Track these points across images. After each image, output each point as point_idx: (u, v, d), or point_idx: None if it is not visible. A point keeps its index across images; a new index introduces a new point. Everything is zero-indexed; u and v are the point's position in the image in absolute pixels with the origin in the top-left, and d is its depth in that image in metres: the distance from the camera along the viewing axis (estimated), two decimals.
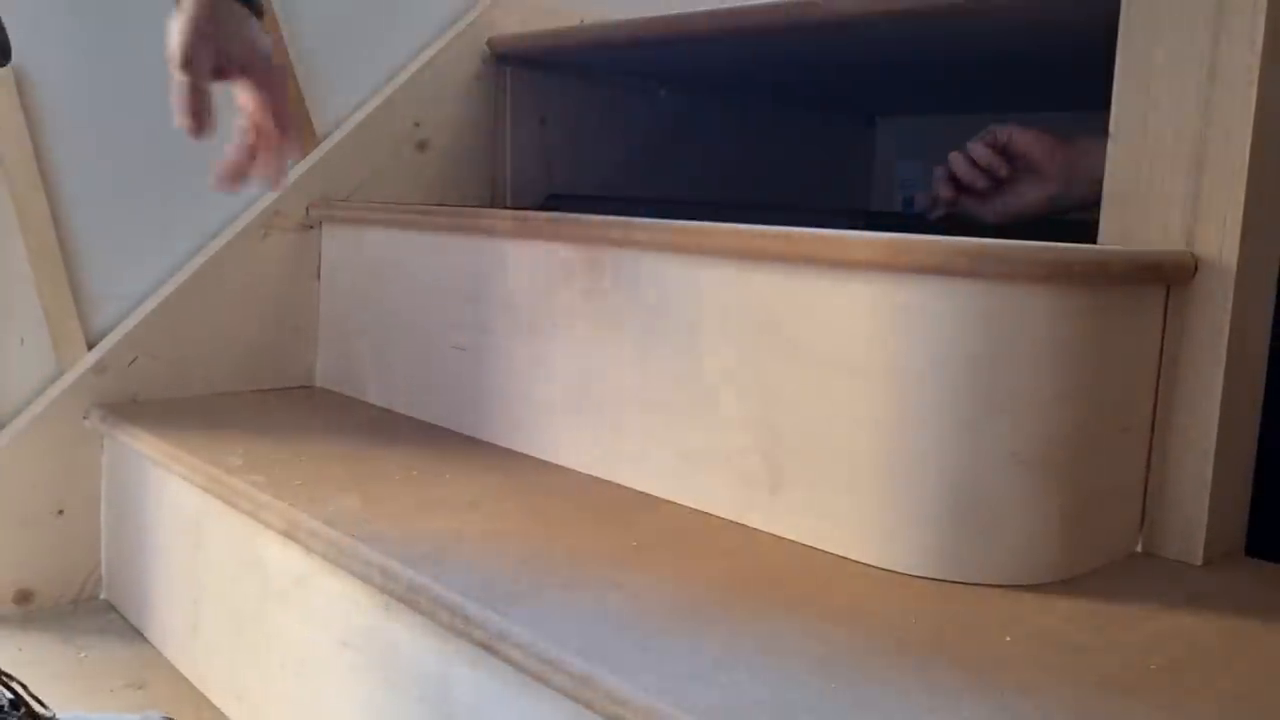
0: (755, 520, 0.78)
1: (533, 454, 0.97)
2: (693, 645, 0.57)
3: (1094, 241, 0.78)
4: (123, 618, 1.09)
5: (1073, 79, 1.07)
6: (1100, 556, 0.74)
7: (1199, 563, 0.74)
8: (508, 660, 0.60)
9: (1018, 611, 0.64)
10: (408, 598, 0.67)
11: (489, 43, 1.35)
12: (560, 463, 0.94)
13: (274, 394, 1.22)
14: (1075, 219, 1.20)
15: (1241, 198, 0.72)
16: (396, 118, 1.28)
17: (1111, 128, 0.78)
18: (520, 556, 0.70)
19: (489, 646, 0.61)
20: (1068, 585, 0.70)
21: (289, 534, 0.79)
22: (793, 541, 0.75)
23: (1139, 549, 0.77)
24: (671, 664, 0.55)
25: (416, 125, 1.29)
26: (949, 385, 0.68)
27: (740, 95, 1.62)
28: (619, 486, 0.88)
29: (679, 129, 1.56)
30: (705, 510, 0.82)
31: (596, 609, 0.62)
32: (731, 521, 0.80)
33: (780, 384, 0.76)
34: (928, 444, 0.69)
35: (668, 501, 0.84)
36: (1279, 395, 0.81)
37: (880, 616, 0.63)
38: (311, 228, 1.24)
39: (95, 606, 1.12)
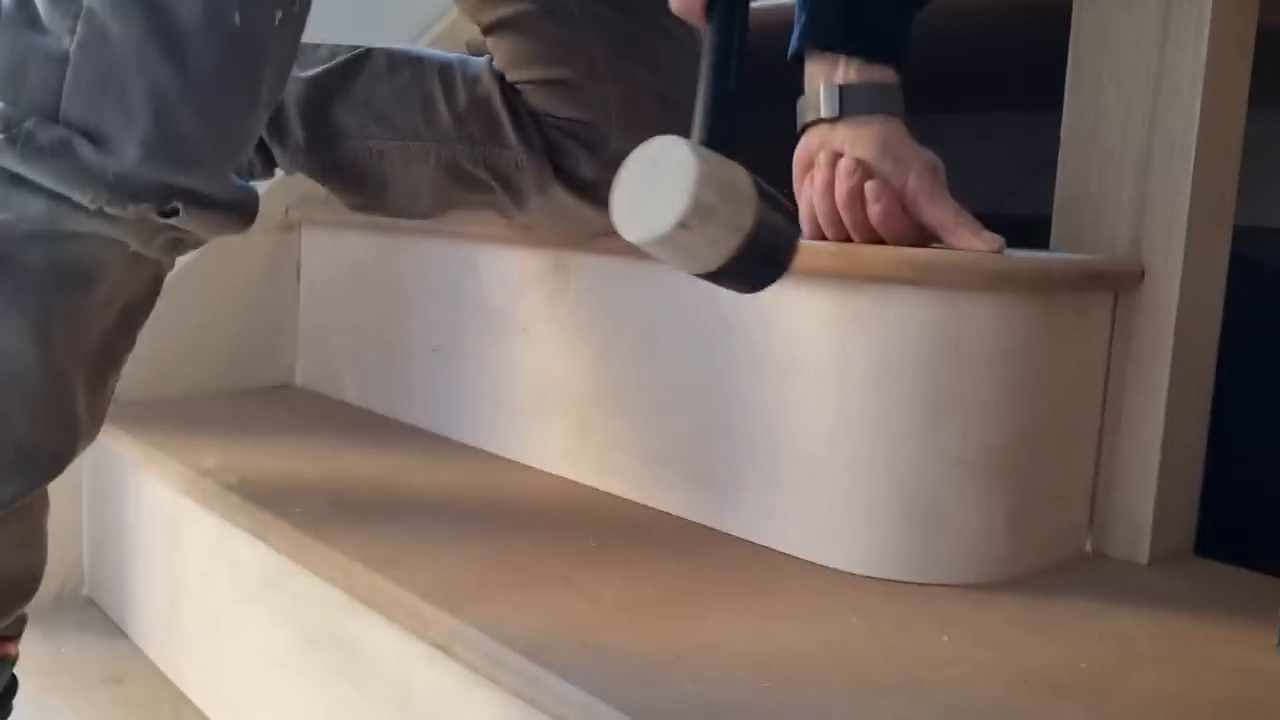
0: (714, 520, 0.80)
1: (503, 454, 0.99)
2: (637, 645, 0.59)
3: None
4: (103, 614, 1.11)
5: (1026, 81, 1.09)
6: (1048, 556, 0.76)
7: (1145, 562, 0.76)
8: (461, 660, 0.62)
9: (960, 611, 0.66)
10: (369, 598, 0.69)
11: (466, 45, 1.36)
12: (528, 463, 0.96)
13: (254, 393, 1.24)
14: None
15: (1186, 206, 0.73)
16: None
17: (1063, 137, 0.79)
18: (480, 557, 0.72)
19: (443, 647, 0.63)
20: (1013, 585, 0.71)
21: (258, 534, 0.81)
22: (747, 541, 0.77)
23: (1088, 549, 0.78)
24: (614, 664, 0.57)
25: None
26: (897, 390, 0.70)
27: None
28: (584, 486, 0.90)
29: None
30: (665, 510, 0.84)
31: (548, 609, 0.64)
32: (690, 521, 0.81)
33: (738, 387, 0.78)
34: (877, 447, 0.71)
35: (630, 501, 0.86)
36: (1232, 398, 0.82)
37: (825, 617, 0.64)
38: (291, 229, 1.26)
39: (77, 603, 1.14)
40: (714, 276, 0.56)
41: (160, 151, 0.60)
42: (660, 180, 0.54)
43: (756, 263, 0.56)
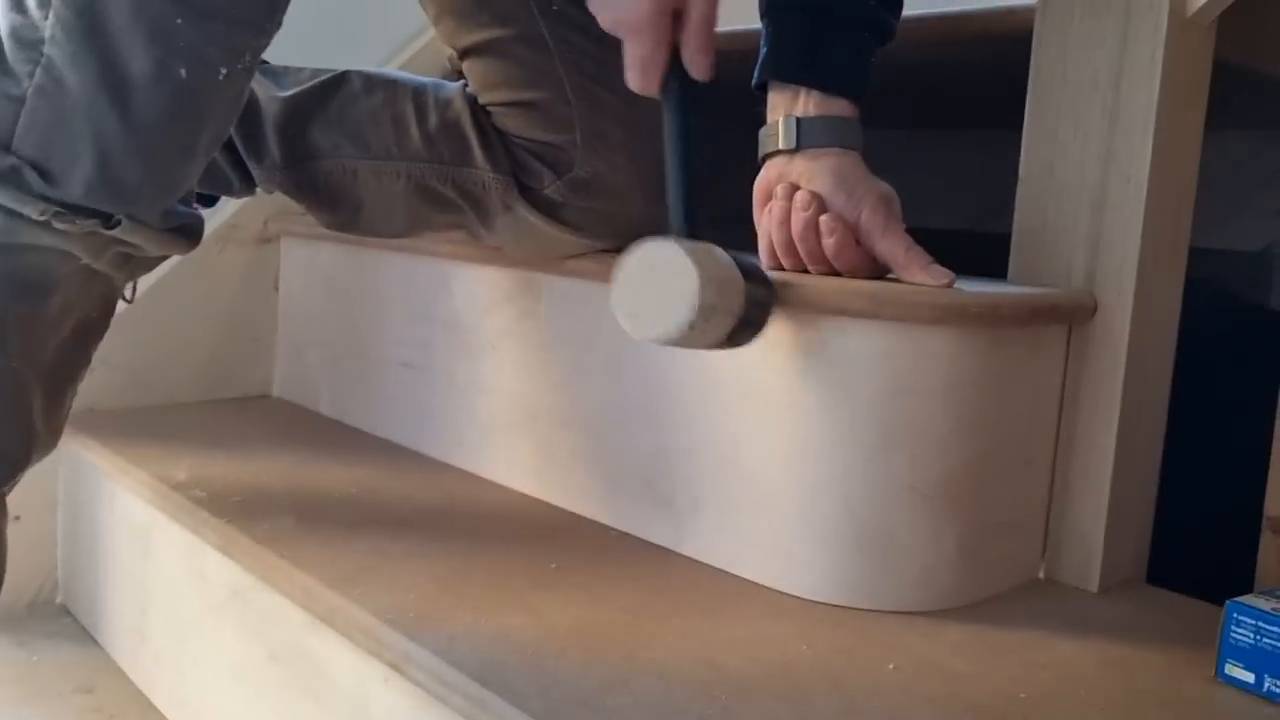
0: (673, 543, 0.81)
1: (473, 471, 1.00)
2: (586, 670, 0.60)
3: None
4: (76, 622, 1.12)
5: (990, 102, 1.10)
6: (1000, 583, 0.77)
7: (1095, 590, 0.77)
8: (414, 681, 0.63)
9: (907, 639, 0.67)
10: (328, 617, 0.71)
11: (450, 59, 1.37)
12: (497, 480, 0.97)
13: (230, 404, 1.25)
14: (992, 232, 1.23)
15: (1138, 241, 0.75)
16: None
17: (1021, 170, 0.81)
18: (439, 577, 0.73)
19: (397, 667, 0.64)
20: (963, 612, 0.73)
21: (225, 550, 0.82)
22: (705, 565, 0.78)
23: (1041, 575, 0.80)
24: (561, 689, 0.58)
25: None
26: (850, 419, 0.71)
27: None
28: (549, 506, 0.91)
29: None
30: (628, 531, 0.85)
31: (502, 632, 0.65)
32: (650, 544, 0.83)
33: (698, 412, 0.79)
34: (830, 475, 0.72)
35: (594, 522, 0.87)
36: (1187, 429, 0.84)
37: (774, 643, 0.66)
38: (269, 241, 1.27)
39: (51, 611, 1.15)
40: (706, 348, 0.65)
41: (100, 190, 0.66)
42: (660, 284, 0.62)
43: (744, 332, 0.66)
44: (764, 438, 0.75)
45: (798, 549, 0.73)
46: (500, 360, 0.96)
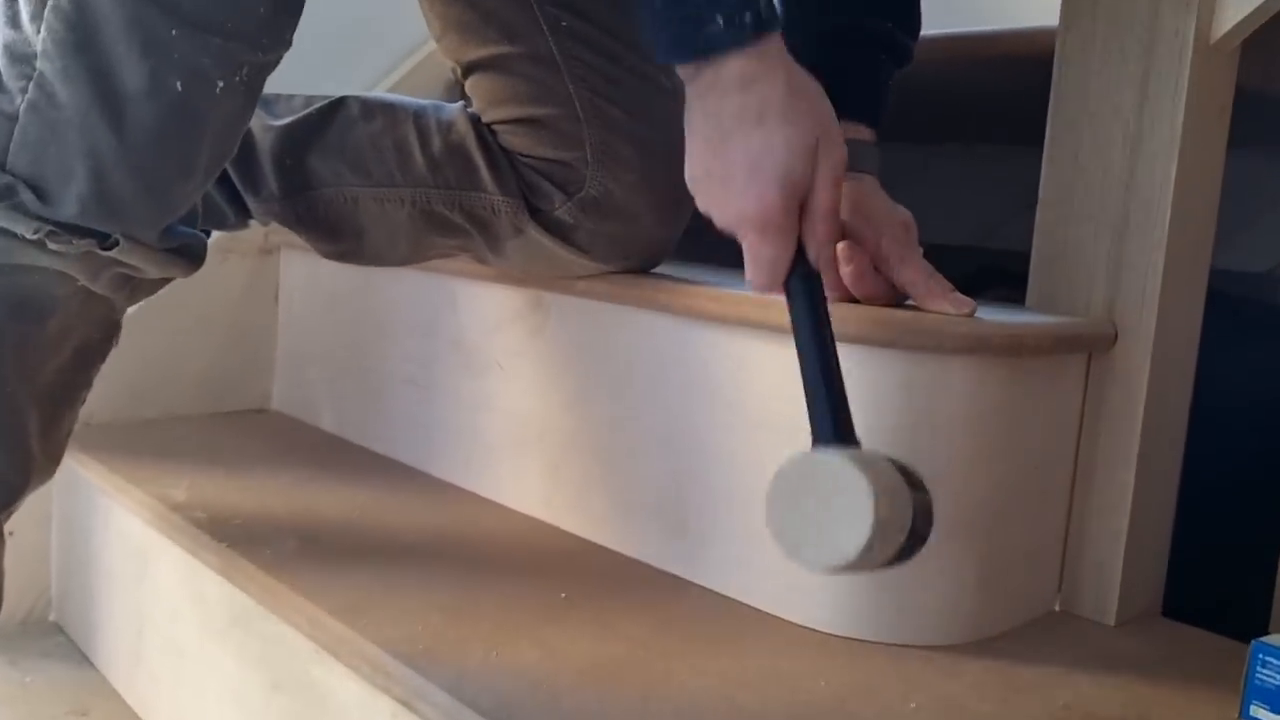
0: (685, 571, 0.80)
1: (478, 492, 0.98)
2: (602, 709, 0.59)
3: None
4: (70, 640, 1.10)
5: (1008, 118, 1.09)
6: (1017, 616, 0.76)
7: (1112, 623, 0.76)
8: (424, 717, 0.61)
9: (926, 675, 0.66)
10: (334, 648, 0.69)
11: (453, 70, 1.36)
12: (503, 502, 0.95)
13: (229, 417, 1.23)
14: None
15: (1161, 270, 0.74)
16: None
17: (1041, 195, 0.80)
18: (448, 607, 0.72)
19: (407, 703, 0.62)
20: (982, 647, 0.71)
21: (226, 575, 0.80)
22: (719, 594, 0.77)
23: (1057, 608, 0.79)
24: None
25: None
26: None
27: None
28: (558, 530, 0.89)
29: None
30: (638, 558, 0.83)
31: (514, 667, 0.63)
32: (662, 571, 0.81)
33: (712, 438, 0.78)
34: None
35: (603, 548, 0.86)
36: (1203, 460, 0.83)
37: (790, 678, 0.64)
38: (270, 253, 1.25)
39: (44, 628, 1.13)
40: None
41: (94, 208, 0.64)
42: (826, 504, 0.54)
43: (912, 546, 0.57)
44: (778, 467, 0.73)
45: (813, 581, 0.72)
46: (507, 379, 0.95)
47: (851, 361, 0.69)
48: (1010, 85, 0.90)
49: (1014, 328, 0.70)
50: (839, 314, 0.69)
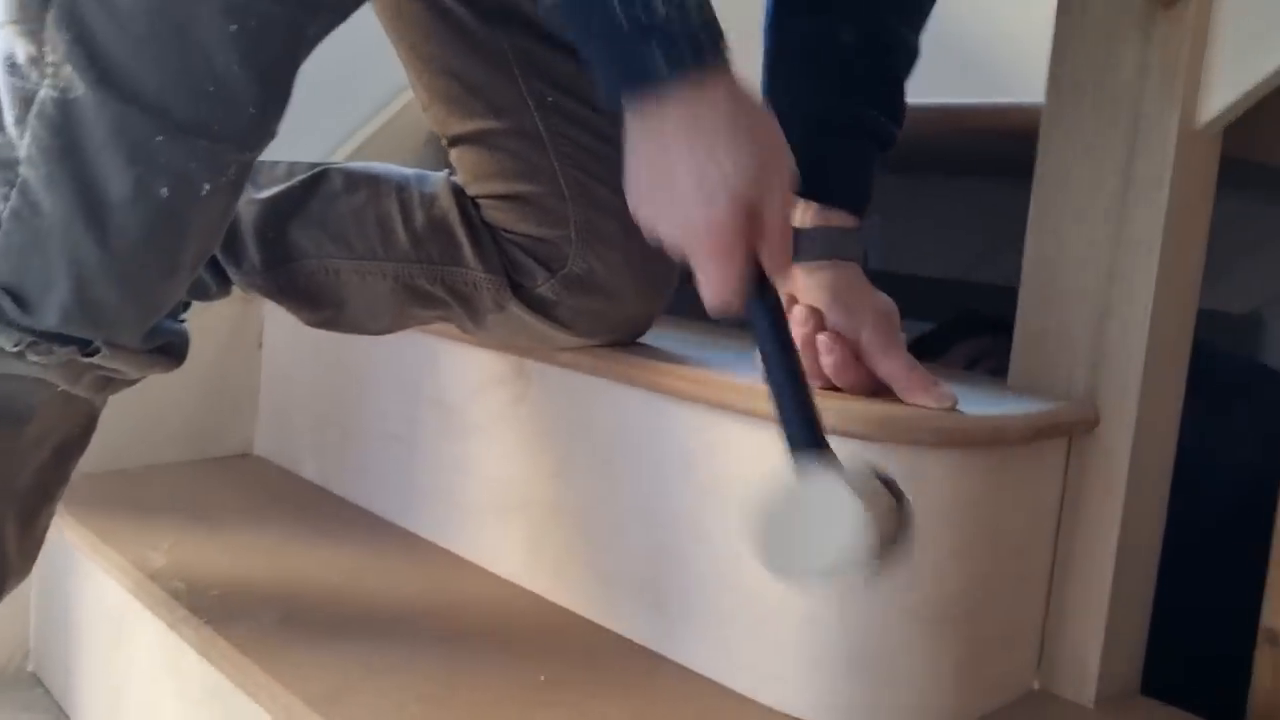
0: (665, 649, 0.80)
1: (460, 553, 0.98)
2: None
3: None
4: (48, 693, 1.09)
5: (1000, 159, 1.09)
6: (996, 698, 0.76)
7: (1091, 704, 0.76)
8: None
9: None
10: None
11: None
12: (485, 566, 0.95)
13: (213, 464, 1.22)
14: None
15: (1143, 355, 0.74)
16: None
17: (1023, 274, 0.80)
18: (427, 694, 0.71)
19: None
20: None
21: (202, 651, 0.79)
22: (701, 676, 0.77)
23: (1036, 686, 0.79)
24: None
25: None
26: None
27: None
28: (539, 599, 0.89)
29: None
30: (619, 633, 0.83)
31: None
32: (644, 648, 0.81)
33: (692, 518, 0.78)
34: (826, 596, 0.70)
35: (584, 620, 0.85)
36: (1183, 536, 0.83)
37: None
38: (253, 300, 1.24)
39: (22, 679, 1.12)
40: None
41: (77, 317, 0.63)
42: (813, 521, 0.54)
43: (891, 550, 0.56)
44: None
45: (791, 669, 0.72)
46: (489, 444, 0.94)
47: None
48: (994, 154, 0.90)
49: (994, 420, 0.69)
50: (821, 403, 0.69)
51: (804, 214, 0.71)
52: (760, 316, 0.57)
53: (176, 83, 0.60)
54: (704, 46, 0.52)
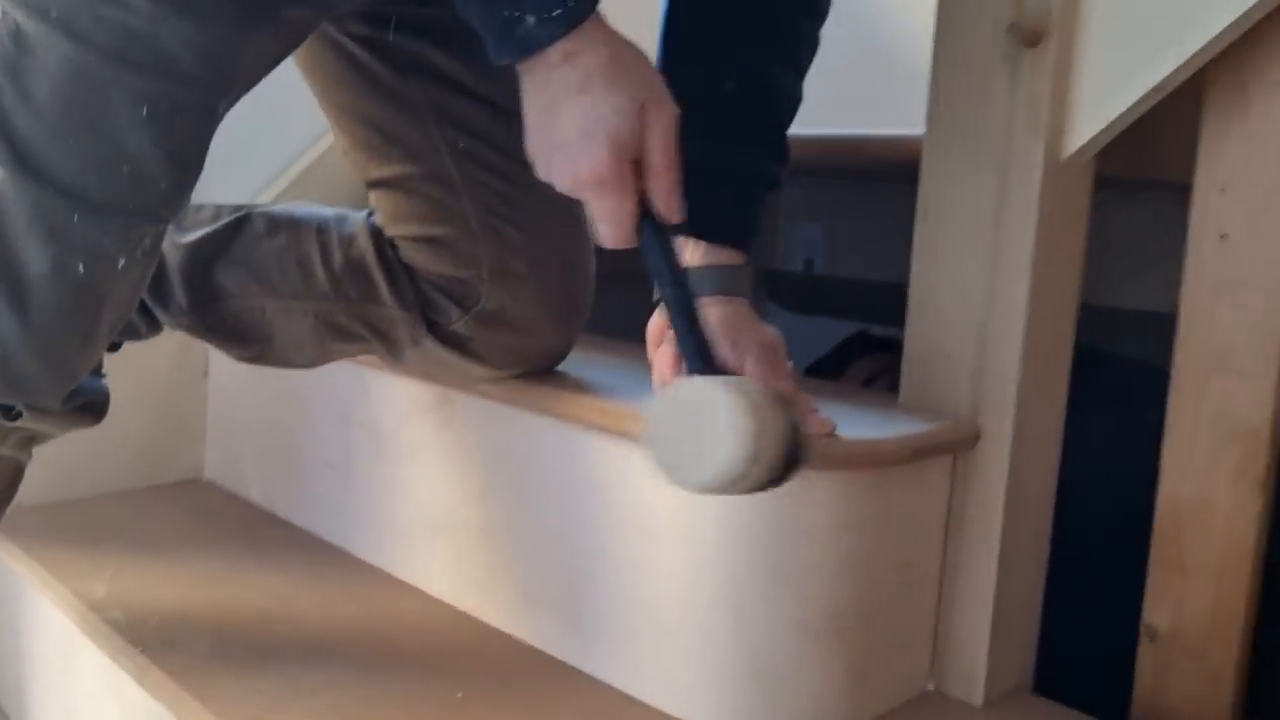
0: (580, 662, 0.84)
1: (394, 573, 1.02)
2: None
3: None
4: (6, 718, 1.13)
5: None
6: (890, 700, 0.81)
7: (980, 704, 0.81)
8: None
9: None
10: None
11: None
12: (417, 584, 0.99)
13: (163, 491, 1.25)
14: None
15: (1018, 374, 0.78)
16: None
17: (910, 301, 0.84)
18: (349, 714, 0.76)
19: None
20: None
21: (139, 680, 0.83)
22: (611, 687, 0.81)
23: (931, 687, 0.83)
24: None
25: None
26: (741, 558, 0.74)
27: None
28: (466, 617, 0.93)
29: None
30: (538, 647, 0.87)
31: None
32: (561, 662, 0.85)
33: (600, 541, 0.82)
34: (723, 610, 0.75)
35: (507, 636, 0.90)
36: (1075, 547, 0.88)
37: None
38: None
39: None
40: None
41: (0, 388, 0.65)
42: (700, 427, 0.56)
43: (787, 464, 0.58)
44: (660, 572, 0.78)
45: (693, 680, 0.76)
46: (418, 468, 0.98)
47: None
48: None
49: (872, 444, 0.74)
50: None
51: (694, 253, 0.75)
52: (651, 250, 0.61)
53: (91, 165, 0.64)
54: (571, 9, 0.56)
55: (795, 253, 1.97)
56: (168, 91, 0.65)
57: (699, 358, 0.61)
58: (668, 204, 0.61)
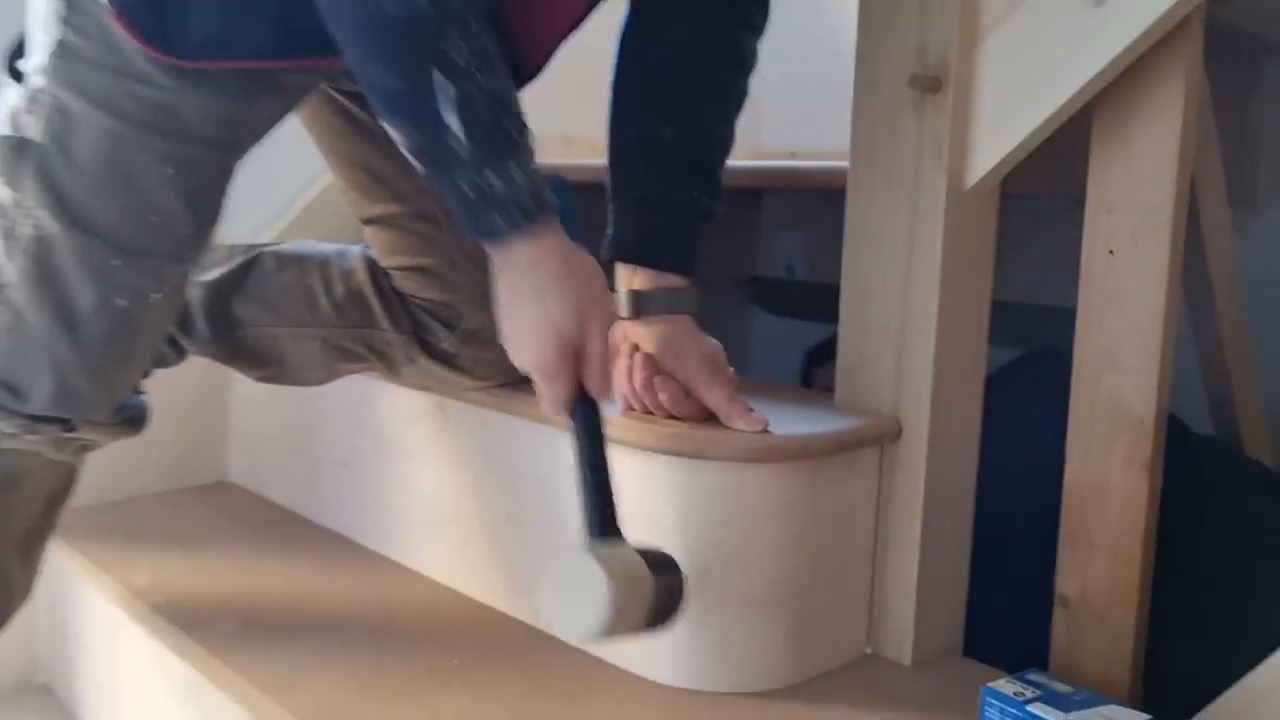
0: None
1: (403, 562, 1.14)
2: None
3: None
4: (59, 701, 1.26)
5: None
6: (831, 660, 0.92)
7: (909, 664, 0.93)
8: None
9: (738, 717, 0.83)
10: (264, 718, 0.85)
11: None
12: (423, 571, 1.12)
13: (191, 493, 1.39)
14: None
15: (930, 380, 0.90)
16: None
17: (841, 314, 0.96)
18: (362, 679, 0.88)
19: None
20: (794, 690, 0.88)
21: (179, 653, 0.96)
22: (587, 655, 0.93)
23: (869, 651, 0.95)
24: None
25: None
26: (690, 540, 0.86)
27: None
28: (465, 598, 1.06)
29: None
30: (531, 625, 1.00)
31: None
32: (545, 635, 0.98)
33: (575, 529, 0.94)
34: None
35: (499, 613, 1.02)
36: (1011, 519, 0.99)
37: None
38: None
39: (33, 689, 1.29)
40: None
41: (58, 403, 0.81)
42: (576, 590, 0.69)
43: (662, 618, 0.73)
44: None
45: (653, 646, 0.88)
46: (420, 468, 1.11)
47: (668, 469, 0.86)
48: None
49: (800, 439, 0.86)
50: (660, 429, 0.86)
51: (642, 278, 0.87)
52: (579, 425, 0.74)
53: (127, 217, 0.77)
54: (530, 210, 0.68)
55: (777, 259, 2.09)
56: (189, 153, 0.78)
57: (599, 524, 0.73)
58: (599, 385, 0.73)
